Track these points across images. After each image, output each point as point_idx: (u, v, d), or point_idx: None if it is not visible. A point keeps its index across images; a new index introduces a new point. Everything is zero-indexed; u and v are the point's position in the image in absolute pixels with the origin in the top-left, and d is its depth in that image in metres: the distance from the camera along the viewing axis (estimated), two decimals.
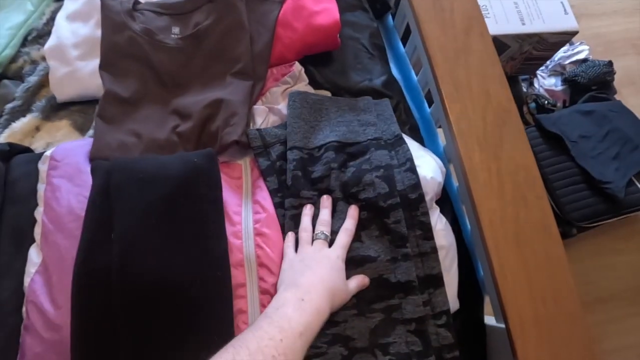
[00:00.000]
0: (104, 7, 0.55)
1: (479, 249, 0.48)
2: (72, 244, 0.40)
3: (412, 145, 0.51)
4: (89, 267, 0.38)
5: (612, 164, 0.86)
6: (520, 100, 1.05)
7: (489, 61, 0.53)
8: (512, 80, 1.03)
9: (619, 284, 0.88)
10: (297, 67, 0.55)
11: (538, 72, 1.08)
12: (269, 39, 0.55)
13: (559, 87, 1.07)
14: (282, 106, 0.54)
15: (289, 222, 0.45)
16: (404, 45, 0.68)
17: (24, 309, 0.41)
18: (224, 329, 0.40)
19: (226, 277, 0.41)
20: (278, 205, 0.46)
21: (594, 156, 0.87)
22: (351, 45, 0.60)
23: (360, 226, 0.44)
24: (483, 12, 0.56)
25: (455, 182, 0.56)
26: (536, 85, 1.08)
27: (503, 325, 0.44)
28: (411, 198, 0.45)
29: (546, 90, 1.07)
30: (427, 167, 0.48)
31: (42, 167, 0.46)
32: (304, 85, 0.55)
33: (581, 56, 1.08)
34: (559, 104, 1.04)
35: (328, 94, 0.57)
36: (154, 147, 0.50)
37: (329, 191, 0.46)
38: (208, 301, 0.40)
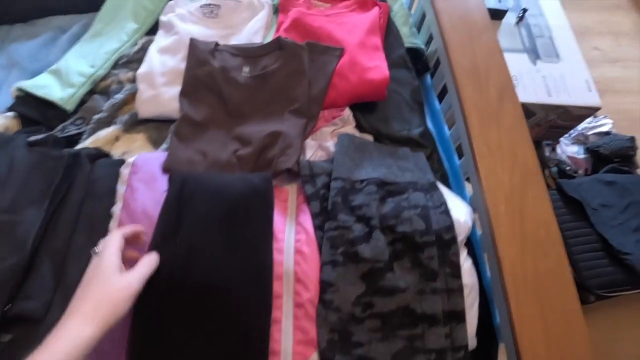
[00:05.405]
0: (192, 45, 0.65)
1: (498, 295, 0.52)
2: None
3: (445, 191, 0.56)
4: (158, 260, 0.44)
5: (633, 236, 0.88)
6: (543, 163, 1.10)
7: (518, 125, 0.59)
8: (536, 145, 1.09)
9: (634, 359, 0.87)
10: (347, 112, 0.63)
11: (562, 139, 1.14)
12: (325, 86, 0.64)
13: (581, 156, 1.12)
14: (330, 144, 0.61)
15: (326, 242, 0.50)
16: (440, 102, 0.76)
17: None
18: (261, 334, 0.44)
19: (268, 286, 0.46)
20: (318, 228, 0.52)
21: (614, 225, 0.89)
22: (394, 98, 0.68)
23: (394, 257, 0.49)
24: (514, 82, 0.64)
25: (478, 230, 0.60)
26: (559, 151, 1.14)
27: None
28: (445, 238, 0.49)
29: (568, 157, 1.12)
30: (460, 211, 0.53)
31: (125, 170, 0.54)
32: (351, 128, 0.63)
33: (604, 129, 1.14)
34: (580, 172, 1.09)
35: (371, 138, 0.64)
36: (216, 166, 0.58)
37: (366, 219, 0.51)
38: (251, 305, 0.44)
